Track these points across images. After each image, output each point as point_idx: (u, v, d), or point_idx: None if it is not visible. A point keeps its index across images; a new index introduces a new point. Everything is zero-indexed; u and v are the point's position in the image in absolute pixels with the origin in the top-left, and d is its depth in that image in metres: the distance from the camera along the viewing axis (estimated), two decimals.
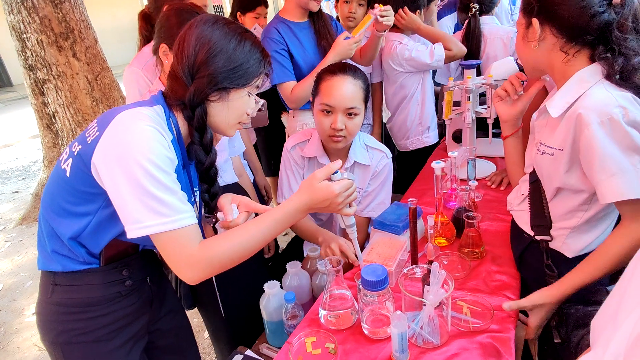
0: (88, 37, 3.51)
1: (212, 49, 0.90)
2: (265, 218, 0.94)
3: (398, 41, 2.18)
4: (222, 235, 0.91)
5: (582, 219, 1.07)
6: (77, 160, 0.88)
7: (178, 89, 0.93)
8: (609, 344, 0.44)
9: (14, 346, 2.43)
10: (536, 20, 1.01)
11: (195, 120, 0.94)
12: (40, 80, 3.50)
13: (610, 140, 0.90)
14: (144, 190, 0.81)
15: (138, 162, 0.81)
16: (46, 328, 1.00)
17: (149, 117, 0.87)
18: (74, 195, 0.90)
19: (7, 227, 3.91)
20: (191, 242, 0.86)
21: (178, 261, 0.86)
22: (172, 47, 1.14)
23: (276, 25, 1.87)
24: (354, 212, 1.03)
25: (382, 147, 1.56)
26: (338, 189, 0.95)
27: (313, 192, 0.95)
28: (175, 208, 0.84)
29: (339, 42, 1.77)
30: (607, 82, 0.93)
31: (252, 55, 0.95)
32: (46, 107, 3.65)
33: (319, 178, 0.96)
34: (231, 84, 0.93)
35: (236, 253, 0.90)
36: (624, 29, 0.92)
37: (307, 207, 0.96)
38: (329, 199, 0.95)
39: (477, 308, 1.09)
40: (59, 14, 3.32)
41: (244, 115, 1.00)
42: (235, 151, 1.73)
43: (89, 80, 3.55)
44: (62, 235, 0.93)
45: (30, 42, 3.36)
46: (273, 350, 1.25)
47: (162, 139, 0.86)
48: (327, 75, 1.40)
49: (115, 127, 0.84)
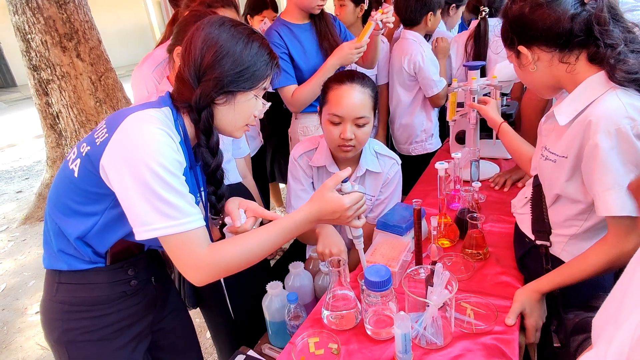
0: (92, 38, 3.53)
1: (219, 52, 0.90)
2: (275, 226, 0.94)
3: (417, 41, 2.17)
4: (231, 240, 0.92)
5: (582, 228, 1.06)
6: (85, 161, 0.88)
7: (185, 91, 0.93)
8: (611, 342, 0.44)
9: (17, 345, 2.43)
10: (522, 47, 1.01)
11: (201, 123, 0.93)
12: (44, 81, 3.52)
13: (614, 151, 0.89)
14: (153, 193, 0.81)
15: (147, 164, 0.81)
16: (50, 326, 1.00)
17: (158, 119, 0.88)
18: (81, 195, 0.90)
19: (11, 227, 3.92)
20: (200, 245, 0.87)
21: (186, 264, 0.87)
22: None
23: (277, 28, 1.87)
24: (362, 225, 1.03)
25: (391, 153, 1.54)
26: (349, 202, 0.96)
27: (324, 203, 0.95)
28: (184, 211, 0.85)
29: (341, 46, 1.75)
30: (620, 89, 0.92)
31: (260, 58, 0.94)
32: (50, 108, 3.67)
33: (330, 187, 0.96)
34: (238, 87, 0.92)
35: (244, 258, 0.91)
36: (602, 21, 0.92)
37: (317, 218, 0.96)
38: (339, 212, 0.96)
39: (480, 310, 1.08)
40: (63, 15, 3.34)
41: (250, 117, 0.99)
42: (240, 152, 1.73)
43: (93, 80, 3.56)
44: (69, 234, 0.93)
45: (34, 43, 3.37)
46: (275, 350, 1.25)
47: (171, 142, 0.86)
48: (334, 84, 1.36)
49: (124, 129, 0.84)
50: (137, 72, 1.71)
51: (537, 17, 0.96)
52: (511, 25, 1.02)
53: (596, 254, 0.98)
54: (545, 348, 1.10)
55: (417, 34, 2.21)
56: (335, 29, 1.95)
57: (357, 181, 1.51)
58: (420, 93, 2.26)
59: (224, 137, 1.56)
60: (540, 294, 1.05)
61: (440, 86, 2.19)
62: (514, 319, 1.03)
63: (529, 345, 1.08)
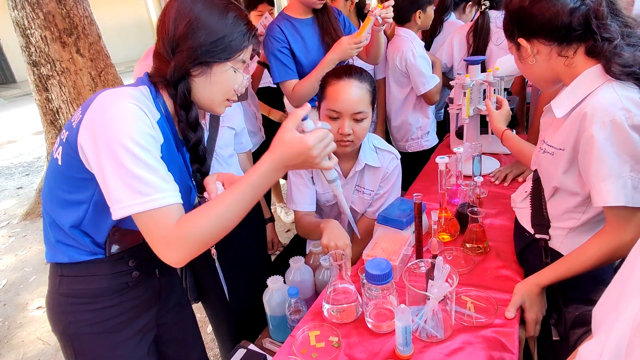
0: (92, 33, 3.52)
1: (193, 22, 0.87)
2: (240, 185, 0.86)
3: (408, 38, 2.17)
4: (197, 210, 0.85)
5: (580, 220, 1.06)
6: (66, 147, 0.87)
7: (161, 66, 0.91)
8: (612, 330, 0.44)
9: (18, 340, 2.44)
10: (522, 39, 1.02)
11: (178, 97, 0.91)
12: (44, 76, 3.51)
13: (608, 143, 0.90)
14: (124, 169, 0.79)
15: (118, 139, 0.79)
16: (56, 319, 1.01)
17: (133, 95, 0.85)
18: (68, 183, 0.89)
19: (11, 223, 3.93)
20: (171, 222, 0.82)
21: (157, 242, 0.83)
22: None
23: (279, 22, 1.86)
24: (334, 165, 0.93)
25: (391, 148, 1.54)
26: (312, 140, 0.85)
27: (285, 146, 0.85)
28: (156, 186, 0.81)
29: (340, 41, 1.73)
30: (616, 81, 0.92)
31: (236, 28, 0.91)
32: (50, 103, 3.66)
33: (289, 128, 0.86)
34: (213, 58, 0.89)
35: (215, 227, 0.84)
36: (600, 15, 0.93)
37: (282, 164, 0.86)
38: (304, 153, 0.85)
39: (481, 303, 1.08)
40: (62, 10, 3.33)
41: (230, 91, 0.96)
42: (242, 147, 1.72)
43: (93, 76, 3.55)
44: (63, 224, 0.93)
45: (34, 38, 3.36)
46: (276, 344, 1.25)
47: (143, 116, 0.83)
48: (332, 80, 1.36)
49: (95, 105, 0.83)
50: (140, 66, 1.71)
51: (537, 10, 0.97)
52: (512, 18, 1.03)
53: (594, 246, 0.98)
54: (545, 341, 1.11)
55: (409, 30, 2.20)
56: (339, 23, 1.94)
57: (356, 176, 1.51)
58: (413, 90, 2.26)
59: (227, 132, 1.57)
60: (540, 288, 1.05)
61: (433, 83, 2.17)
62: (514, 312, 1.04)
63: (529, 339, 1.09)
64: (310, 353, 0.99)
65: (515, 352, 0.95)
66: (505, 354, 0.95)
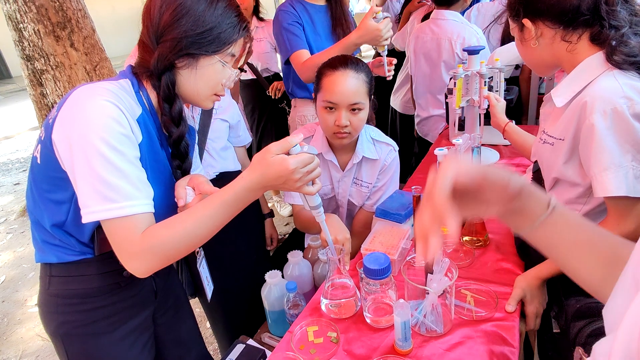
0: (86, 27, 3.47)
1: (178, 10, 0.84)
2: (213, 200, 0.82)
3: (463, 23, 2.03)
4: (165, 222, 0.82)
5: (581, 212, 1.05)
6: (43, 146, 0.85)
7: (145, 56, 0.88)
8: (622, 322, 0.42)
9: (17, 337, 2.44)
10: (527, 20, 0.99)
11: (161, 90, 0.87)
12: (38, 71, 3.47)
13: (610, 132, 0.88)
14: (94, 173, 0.76)
15: (90, 141, 0.76)
16: (47, 319, 0.99)
17: (110, 91, 0.82)
18: (47, 182, 0.87)
19: (9, 219, 3.91)
20: (137, 232, 0.79)
21: (122, 252, 0.80)
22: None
23: (292, 2, 1.81)
24: (316, 191, 0.90)
25: (389, 140, 1.52)
26: (294, 163, 0.82)
27: (265, 167, 0.82)
28: (125, 194, 0.78)
29: (367, 23, 1.50)
30: (617, 70, 0.90)
31: (226, 19, 0.87)
32: (45, 98, 3.62)
33: (273, 152, 0.83)
34: (200, 50, 0.86)
35: (182, 242, 0.81)
36: (611, 0, 0.90)
37: (260, 185, 0.83)
38: (284, 176, 0.82)
39: (481, 297, 1.07)
40: (55, 3, 3.28)
41: (218, 86, 0.93)
42: (240, 141, 1.70)
43: (88, 70, 3.51)
44: (44, 223, 0.90)
45: (27, 32, 3.32)
46: (275, 339, 1.25)
47: (119, 115, 0.79)
48: (328, 71, 1.34)
49: (70, 103, 0.80)
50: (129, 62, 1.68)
51: None
52: None
53: None
54: (545, 334, 1.10)
55: (457, 13, 2.05)
56: (350, 16, 1.91)
57: (354, 168, 1.49)
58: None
59: (220, 125, 1.55)
60: (541, 281, 1.04)
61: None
62: (515, 305, 1.03)
63: (529, 332, 1.08)
64: (308, 349, 0.98)
65: (515, 345, 0.94)
66: (505, 347, 0.94)
